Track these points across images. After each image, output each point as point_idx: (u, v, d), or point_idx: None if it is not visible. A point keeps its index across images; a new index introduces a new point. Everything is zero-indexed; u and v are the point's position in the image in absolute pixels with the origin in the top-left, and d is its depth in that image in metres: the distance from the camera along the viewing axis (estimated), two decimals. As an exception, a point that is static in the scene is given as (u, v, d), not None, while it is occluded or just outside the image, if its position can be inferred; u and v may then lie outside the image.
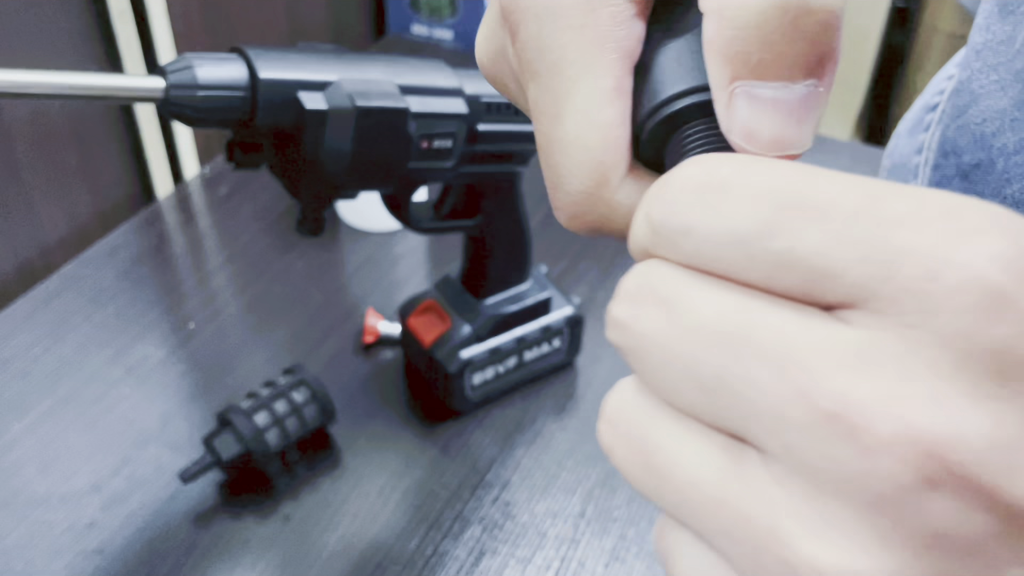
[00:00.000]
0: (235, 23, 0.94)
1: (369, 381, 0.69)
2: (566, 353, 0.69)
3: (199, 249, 0.84)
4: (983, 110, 0.36)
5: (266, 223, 0.85)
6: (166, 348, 0.72)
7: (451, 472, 0.63)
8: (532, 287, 0.66)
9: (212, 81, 0.44)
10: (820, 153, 0.99)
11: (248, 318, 0.75)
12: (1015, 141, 0.34)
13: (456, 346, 0.63)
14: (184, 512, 0.59)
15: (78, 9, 0.77)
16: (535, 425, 0.66)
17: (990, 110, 0.36)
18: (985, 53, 0.37)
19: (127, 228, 0.84)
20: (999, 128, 0.35)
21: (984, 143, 0.36)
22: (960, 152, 0.38)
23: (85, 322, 0.74)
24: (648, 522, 0.60)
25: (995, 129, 0.35)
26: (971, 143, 0.37)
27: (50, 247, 0.81)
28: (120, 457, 0.63)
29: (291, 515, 0.60)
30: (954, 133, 0.39)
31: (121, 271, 0.79)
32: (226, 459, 0.58)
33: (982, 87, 0.37)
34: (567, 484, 0.62)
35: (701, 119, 0.23)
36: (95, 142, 0.83)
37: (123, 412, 0.66)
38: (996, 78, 0.36)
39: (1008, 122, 0.34)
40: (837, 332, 0.16)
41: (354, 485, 0.62)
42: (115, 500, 0.60)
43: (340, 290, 0.78)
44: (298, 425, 0.60)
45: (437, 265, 0.81)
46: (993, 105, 0.36)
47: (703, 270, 0.17)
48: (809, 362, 0.15)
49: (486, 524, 0.60)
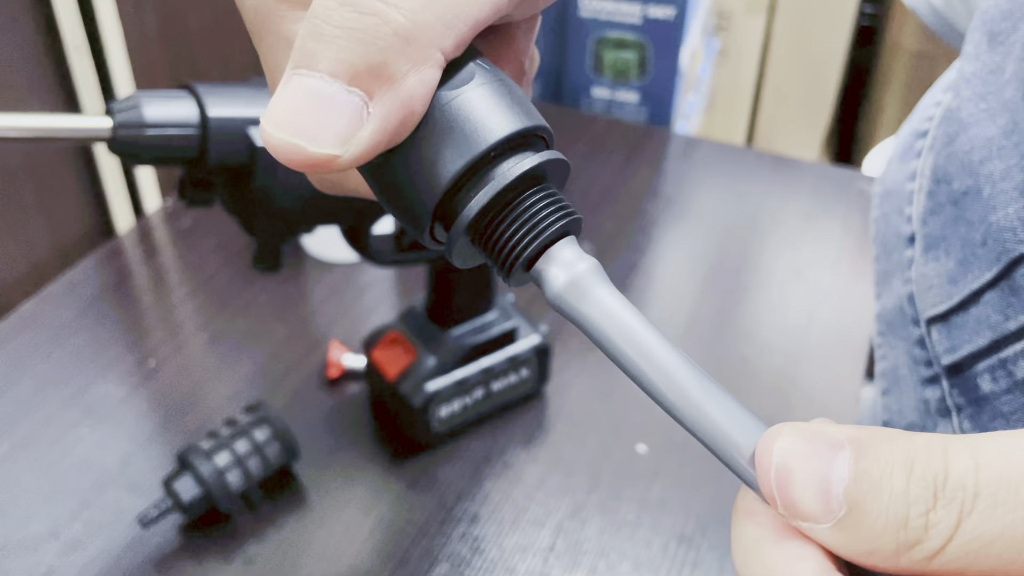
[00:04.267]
0: (197, 55, 0.93)
1: (334, 416, 0.68)
2: (534, 383, 0.68)
3: (161, 284, 0.82)
4: (972, 138, 0.36)
5: (229, 256, 0.84)
6: (126, 387, 0.70)
7: (418, 507, 0.62)
8: (498, 316, 0.65)
9: (160, 120, 0.43)
10: (788, 173, 1.00)
11: (211, 354, 0.74)
12: (1002, 169, 0.34)
13: (421, 379, 0.62)
14: (144, 557, 0.58)
15: (30, 41, 0.76)
16: (504, 457, 0.66)
17: (978, 138, 0.36)
18: (974, 82, 0.37)
19: (87, 264, 0.82)
20: (987, 156, 0.35)
21: (972, 170, 0.36)
22: (950, 179, 0.38)
23: (43, 362, 0.72)
24: (618, 554, 0.59)
25: (983, 157, 0.35)
26: (960, 170, 0.37)
27: (7, 285, 0.80)
28: (78, 501, 0.61)
29: (254, 557, 0.58)
30: (945, 160, 0.39)
31: (81, 308, 0.78)
32: (186, 501, 0.57)
33: (971, 115, 0.37)
34: (536, 517, 0.61)
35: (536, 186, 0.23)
36: (53, 177, 0.82)
37: (82, 454, 0.65)
38: (985, 107, 0.36)
39: (996, 150, 0.35)
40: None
41: (319, 523, 0.60)
42: (73, 546, 0.59)
43: (304, 323, 0.77)
44: (260, 464, 0.59)
45: (404, 295, 0.81)
46: (981, 133, 0.36)
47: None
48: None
49: (454, 561, 0.59)
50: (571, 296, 0.23)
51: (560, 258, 0.23)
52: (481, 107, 0.22)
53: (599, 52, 1.07)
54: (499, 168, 0.22)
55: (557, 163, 0.23)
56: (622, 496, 0.63)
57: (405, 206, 0.22)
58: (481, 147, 0.21)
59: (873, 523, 0.18)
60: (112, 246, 0.85)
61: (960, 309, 0.38)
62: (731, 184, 0.98)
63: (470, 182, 0.22)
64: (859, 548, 0.19)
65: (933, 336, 0.40)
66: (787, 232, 0.91)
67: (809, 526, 0.19)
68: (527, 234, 0.22)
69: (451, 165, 0.21)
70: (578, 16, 1.06)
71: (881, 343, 0.48)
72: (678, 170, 1.01)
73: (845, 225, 0.91)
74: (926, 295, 0.41)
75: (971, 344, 0.37)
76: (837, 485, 0.19)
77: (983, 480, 0.18)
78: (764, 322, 0.79)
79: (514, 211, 0.22)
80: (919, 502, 0.18)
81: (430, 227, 0.23)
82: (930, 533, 0.18)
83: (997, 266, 0.35)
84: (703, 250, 0.88)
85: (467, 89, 0.22)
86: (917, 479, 0.18)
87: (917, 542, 0.18)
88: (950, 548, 0.18)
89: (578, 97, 1.12)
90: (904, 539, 0.18)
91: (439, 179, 0.22)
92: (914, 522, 0.18)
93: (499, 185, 0.22)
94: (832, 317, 0.79)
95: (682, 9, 1.01)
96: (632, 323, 0.22)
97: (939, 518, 0.18)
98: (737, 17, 1.51)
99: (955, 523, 0.18)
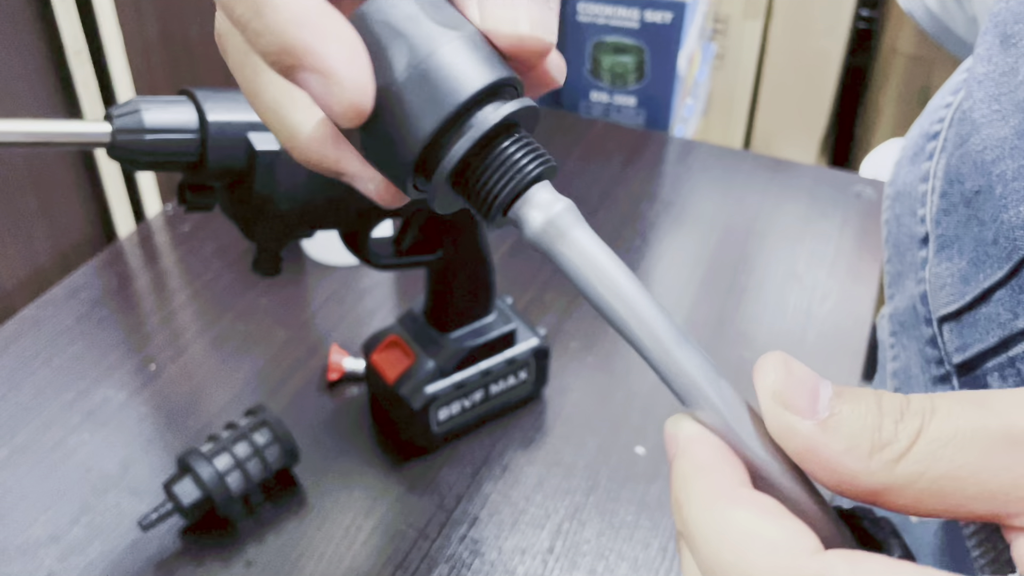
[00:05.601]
0: (197, 61, 0.94)
1: (334, 419, 0.68)
2: (533, 385, 0.69)
3: (161, 288, 0.83)
4: (984, 138, 0.37)
5: (229, 260, 0.84)
6: (127, 391, 0.70)
7: (418, 510, 0.62)
8: (497, 319, 0.66)
9: (160, 125, 0.43)
10: (785, 176, 1.00)
11: (211, 358, 0.74)
12: (1014, 168, 0.35)
13: (421, 382, 0.63)
14: (145, 560, 0.58)
15: (31, 47, 0.76)
16: (503, 459, 0.66)
17: (991, 139, 0.36)
18: (987, 83, 0.38)
19: (88, 269, 0.83)
20: (999, 155, 0.36)
21: (984, 170, 0.37)
22: (963, 179, 0.39)
23: (44, 366, 0.72)
24: (617, 556, 0.59)
25: (995, 157, 0.36)
26: (973, 170, 0.38)
27: (8, 290, 0.80)
28: (79, 505, 0.62)
29: (254, 560, 0.59)
30: (957, 161, 0.40)
31: (81, 313, 0.78)
32: (186, 505, 0.57)
33: (983, 116, 0.37)
34: (536, 519, 0.62)
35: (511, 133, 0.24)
36: (54, 182, 0.82)
37: (82, 458, 0.65)
38: (997, 108, 0.36)
39: (1008, 150, 0.35)
40: None
41: (319, 526, 0.61)
42: (74, 550, 0.59)
43: (304, 326, 0.77)
44: (260, 468, 0.60)
45: (403, 298, 0.81)
46: (994, 134, 0.36)
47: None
48: None
49: (454, 563, 0.59)
50: (549, 235, 0.24)
51: (537, 200, 0.24)
52: (455, 61, 0.23)
53: (597, 56, 1.07)
54: (475, 118, 0.23)
55: (528, 110, 0.24)
56: (621, 498, 0.63)
57: (388, 160, 0.24)
58: (459, 100, 0.23)
59: (851, 425, 0.22)
60: (113, 251, 0.85)
61: (971, 308, 0.38)
62: (728, 187, 0.99)
63: (448, 133, 0.23)
64: (837, 446, 0.22)
65: (944, 335, 0.40)
66: (784, 234, 0.91)
67: (797, 419, 0.22)
68: (505, 178, 0.24)
69: (430, 118, 0.23)
70: (576, 20, 1.06)
71: (894, 343, 0.48)
72: (676, 173, 1.01)
73: (842, 227, 0.92)
74: (938, 294, 0.41)
75: (981, 343, 0.37)
76: (824, 395, 0.22)
77: (937, 403, 0.22)
78: (762, 324, 0.79)
79: (492, 157, 0.24)
80: (889, 414, 0.22)
81: (412, 179, 0.24)
82: (898, 435, 0.22)
83: (1008, 264, 0.35)
84: (701, 253, 0.88)
85: (442, 44, 0.23)
86: (886, 402, 0.22)
87: (887, 443, 0.22)
88: (914, 450, 0.21)
89: (576, 101, 1.12)
90: (877, 440, 0.22)
91: (419, 132, 0.23)
92: (886, 427, 0.22)
93: (477, 134, 0.23)
94: (829, 318, 0.80)
95: (679, 14, 1.01)
96: (605, 261, 0.24)
97: (904, 425, 0.22)
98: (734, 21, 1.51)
99: (918, 428, 0.22)
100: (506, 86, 0.24)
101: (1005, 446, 0.21)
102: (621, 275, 0.24)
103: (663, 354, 0.23)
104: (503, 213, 0.24)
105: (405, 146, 0.23)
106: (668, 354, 0.23)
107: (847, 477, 0.22)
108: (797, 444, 0.22)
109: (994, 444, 0.21)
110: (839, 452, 0.22)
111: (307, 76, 0.22)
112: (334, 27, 0.22)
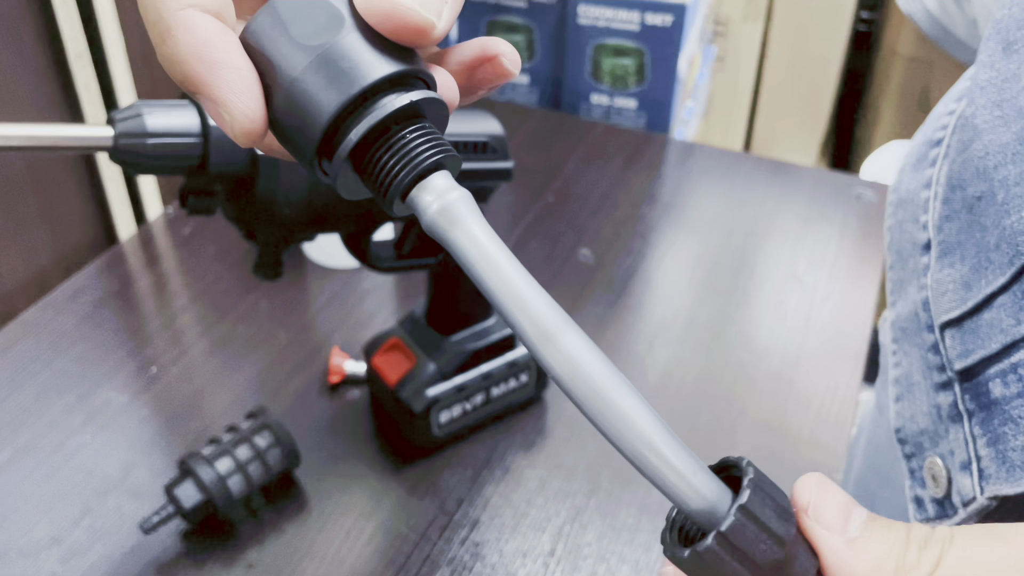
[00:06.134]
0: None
1: (335, 421, 0.68)
2: (534, 388, 0.69)
3: (162, 291, 0.83)
4: (986, 144, 0.37)
5: (230, 263, 0.84)
6: (128, 393, 0.70)
7: (419, 513, 0.62)
8: (497, 322, 0.66)
9: (162, 129, 0.43)
10: (785, 178, 1.00)
11: (212, 360, 0.74)
12: (1016, 173, 0.35)
13: (422, 384, 0.63)
14: (146, 563, 0.58)
15: (32, 51, 0.76)
16: (504, 462, 0.66)
17: (993, 144, 0.36)
18: (989, 89, 0.38)
19: (89, 271, 0.83)
20: (1001, 161, 0.36)
21: (986, 175, 0.37)
22: (965, 185, 0.39)
23: (45, 369, 0.72)
24: (618, 558, 0.59)
25: (997, 162, 0.36)
26: (975, 176, 0.38)
27: (10, 292, 0.80)
28: (80, 507, 0.62)
29: (256, 562, 0.59)
30: (960, 167, 0.40)
31: (83, 315, 0.78)
32: (188, 508, 0.57)
33: (986, 122, 0.37)
34: (537, 522, 0.62)
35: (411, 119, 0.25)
36: (55, 185, 0.82)
37: (84, 460, 0.65)
38: (1000, 114, 0.36)
39: (1010, 155, 0.35)
40: None
41: (320, 529, 0.61)
42: (75, 552, 0.59)
43: (305, 329, 0.77)
44: (261, 471, 0.60)
45: (404, 301, 0.81)
46: (996, 139, 0.36)
47: None
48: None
49: (455, 566, 0.59)
50: (442, 221, 0.25)
51: (433, 187, 0.25)
52: (359, 51, 0.24)
53: (598, 59, 1.07)
54: (377, 103, 0.24)
55: (435, 104, 0.25)
56: (621, 500, 0.63)
57: (296, 141, 0.25)
58: (359, 85, 0.24)
59: (878, 548, 0.24)
60: (114, 253, 0.85)
61: (973, 314, 0.38)
62: (729, 189, 0.99)
63: (350, 117, 0.24)
64: (863, 566, 0.24)
65: (946, 341, 0.40)
66: (785, 237, 0.92)
67: (827, 535, 0.24)
68: (402, 163, 0.25)
69: (335, 99, 0.24)
70: (577, 23, 1.06)
71: (896, 350, 0.48)
72: (676, 175, 1.01)
73: (842, 229, 0.92)
74: (940, 300, 0.41)
75: (983, 349, 0.37)
76: (856, 516, 0.25)
77: (957, 533, 0.24)
78: (762, 326, 0.79)
79: (390, 142, 0.25)
80: (913, 543, 0.24)
81: (318, 160, 0.25)
82: (921, 562, 0.24)
83: (1010, 270, 0.35)
84: (701, 255, 0.88)
85: (344, 35, 0.24)
86: (915, 532, 0.25)
87: (910, 569, 0.24)
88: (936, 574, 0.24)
89: (577, 103, 1.12)
90: (900, 564, 0.24)
91: (322, 114, 0.24)
92: (910, 555, 0.24)
93: (375, 118, 0.24)
94: (830, 321, 0.80)
95: (680, 16, 1.01)
96: (494, 249, 0.24)
97: (927, 553, 0.24)
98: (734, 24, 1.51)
99: (938, 556, 0.24)
100: (416, 79, 0.25)
101: (1015, 573, 0.23)
102: (508, 263, 0.24)
103: (544, 341, 0.24)
104: (401, 198, 0.25)
105: (309, 128, 0.24)
106: (550, 341, 0.24)
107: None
108: (827, 557, 0.24)
109: (1003, 571, 0.23)
110: (864, 571, 0.24)
111: (205, 102, 0.24)
112: (226, 57, 0.24)
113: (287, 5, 0.24)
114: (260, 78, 0.25)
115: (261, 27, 0.24)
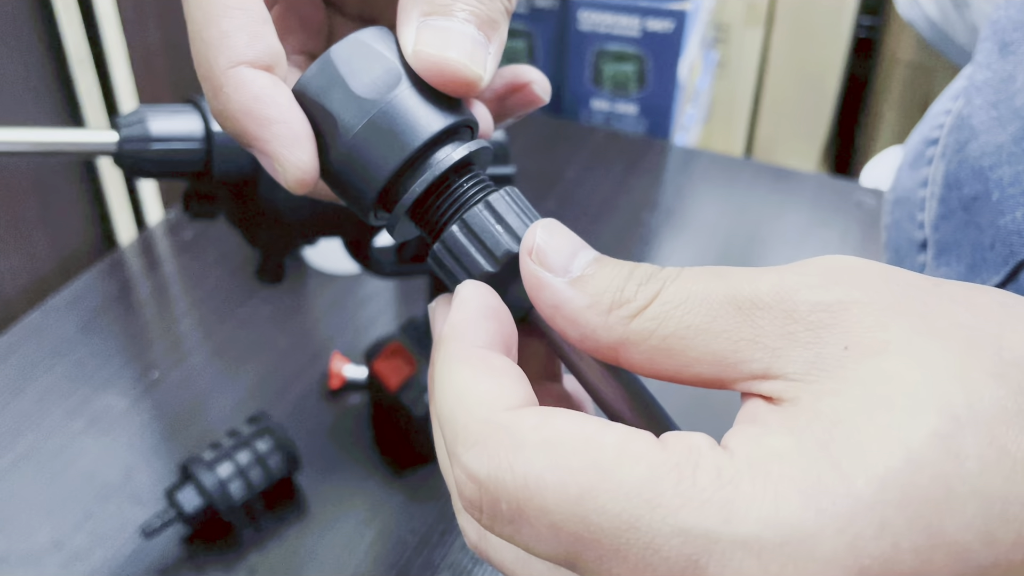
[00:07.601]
0: (199, 67, 0.94)
1: (335, 426, 0.68)
2: (535, 393, 0.69)
3: (163, 296, 0.83)
4: (982, 144, 0.37)
5: (231, 268, 0.84)
6: (129, 398, 0.70)
7: (419, 517, 0.62)
8: (498, 328, 0.66)
9: (165, 134, 0.43)
10: (787, 184, 1.00)
11: (213, 365, 0.74)
12: (1011, 173, 0.35)
13: (423, 389, 0.63)
14: (147, 567, 0.58)
15: (34, 55, 0.77)
16: (505, 467, 0.66)
17: (989, 145, 0.36)
18: (985, 90, 0.38)
19: (89, 276, 0.83)
20: (996, 161, 0.36)
21: (982, 175, 0.37)
22: (961, 185, 0.39)
23: (46, 374, 0.72)
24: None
25: (993, 163, 0.36)
26: (970, 176, 0.38)
27: (10, 297, 0.80)
28: (81, 512, 0.62)
29: (256, 567, 0.59)
30: (956, 166, 0.40)
31: (83, 320, 0.78)
32: (188, 512, 0.57)
33: (982, 123, 0.37)
34: (537, 527, 0.62)
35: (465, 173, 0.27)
36: (55, 190, 0.82)
37: (85, 465, 0.65)
38: (996, 114, 0.37)
39: (1005, 156, 0.35)
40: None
41: (321, 534, 0.61)
42: (76, 557, 0.59)
43: (306, 334, 0.77)
44: (262, 475, 0.60)
45: (405, 306, 0.81)
46: (992, 140, 0.36)
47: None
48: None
49: (455, 571, 0.59)
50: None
51: None
52: (414, 106, 0.25)
53: (598, 65, 1.08)
54: (434, 157, 0.26)
55: (481, 150, 0.27)
56: (623, 506, 0.63)
57: (353, 193, 0.27)
58: (419, 142, 0.25)
59: (597, 283, 0.24)
60: (114, 258, 0.85)
61: None
62: (730, 195, 0.99)
63: (407, 172, 0.26)
64: (580, 301, 0.24)
65: None
66: (786, 243, 0.92)
67: (550, 277, 0.24)
68: (454, 209, 0.26)
69: (394, 158, 0.25)
70: (577, 29, 1.07)
71: None
72: (677, 181, 1.02)
73: (843, 236, 0.92)
74: None
75: None
76: (580, 259, 0.24)
77: (684, 271, 0.23)
78: (763, 332, 0.79)
79: (444, 194, 0.26)
80: (634, 279, 0.24)
81: (374, 211, 0.27)
82: (638, 295, 0.23)
83: (1005, 269, 0.35)
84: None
85: (400, 89, 0.25)
86: (639, 270, 0.24)
87: (627, 301, 0.23)
88: (649, 309, 0.23)
89: (577, 109, 1.12)
90: (617, 298, 0.23)
91: (383, 170, 0.26)
92: (628, 288, 0.23)
93: (434, 173, 0.26)
94: (831, 327, 0.79)
95: (680, 22, 1.02)
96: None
97: (646, 288, 0.23)
98: (735, 29, 1.52)
99: (656, 290, 0.23)
100: (462, 127, 0.27)
101: (729, 311, 0.22)
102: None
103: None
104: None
105: (369, 181, 0.26)
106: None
107: (588, 331, 0.23)
108: (545, 298, 0.24)
109: (719, 308, 0.22)
110: (582, 307, 0.24)
111: (258, 155, 0.25)
112: (277, 113, 0.24)
113: (343, 57, 0.25)
114: (314, 128, 0.25)
115: (317, 79, 0.25)
